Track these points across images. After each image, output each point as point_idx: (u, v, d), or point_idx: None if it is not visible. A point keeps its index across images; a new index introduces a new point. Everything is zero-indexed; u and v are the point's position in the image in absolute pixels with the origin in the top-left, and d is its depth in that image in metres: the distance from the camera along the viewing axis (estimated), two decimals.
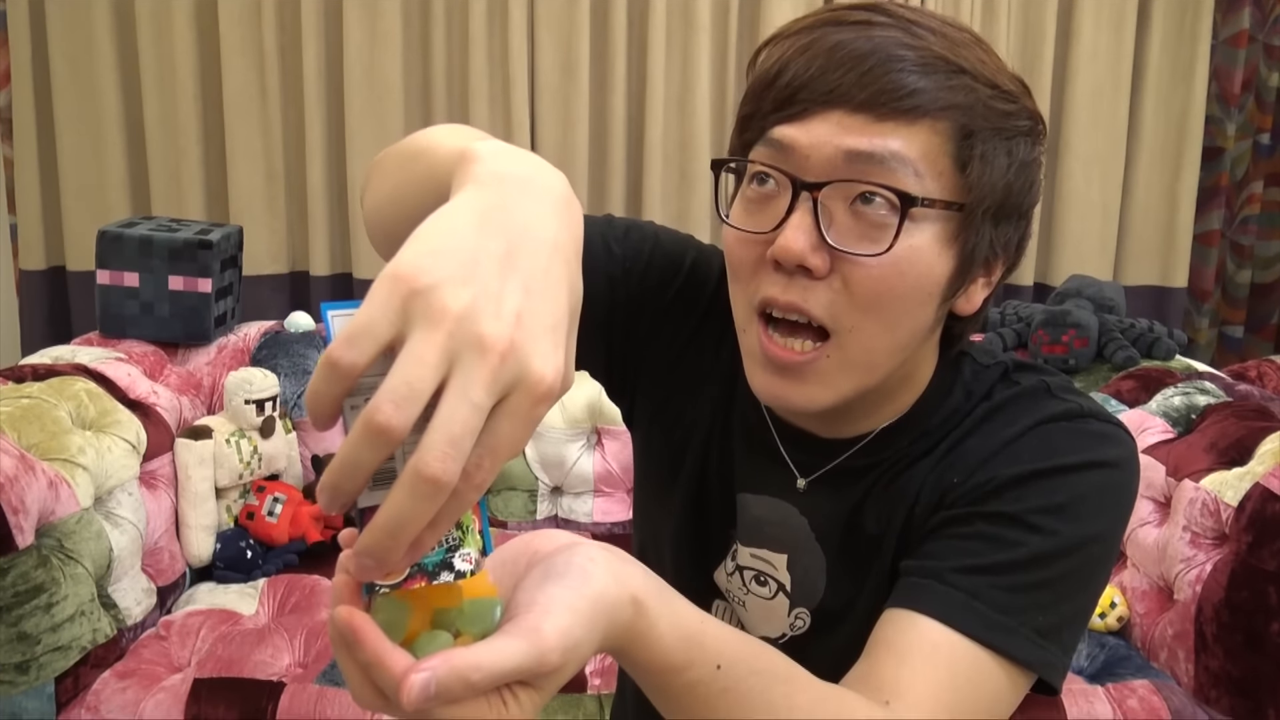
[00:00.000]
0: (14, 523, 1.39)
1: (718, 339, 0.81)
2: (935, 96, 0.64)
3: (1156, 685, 1.55)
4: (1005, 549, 0.66)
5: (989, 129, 0.66)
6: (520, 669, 0.45)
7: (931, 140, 0.64)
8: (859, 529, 0.75)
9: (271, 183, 2.54)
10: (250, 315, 2.32)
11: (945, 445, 0.73)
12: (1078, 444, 0.69)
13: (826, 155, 0.65)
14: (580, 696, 1.54)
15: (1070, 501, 0.66)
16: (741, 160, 0.70)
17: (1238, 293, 2.87)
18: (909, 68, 0.64)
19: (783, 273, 0.66)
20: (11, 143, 2.53)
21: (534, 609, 0.47)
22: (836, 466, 0.75)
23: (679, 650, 0.53)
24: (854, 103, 0.64)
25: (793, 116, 0.66)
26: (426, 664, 0.43)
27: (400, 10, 2.46)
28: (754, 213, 0.69)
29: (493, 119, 2.50)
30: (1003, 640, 0.64)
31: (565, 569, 0.50)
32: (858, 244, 0.65)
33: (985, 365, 0.76)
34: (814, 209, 0.65)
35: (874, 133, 0.64)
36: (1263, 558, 1.48)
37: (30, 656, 1.43)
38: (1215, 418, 1.75)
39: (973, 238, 0.67)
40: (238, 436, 1.93)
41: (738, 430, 0.80)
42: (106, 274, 1.99)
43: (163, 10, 2.45)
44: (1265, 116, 2.79)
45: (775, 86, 0.67)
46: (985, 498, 0.68)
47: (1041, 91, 2.59)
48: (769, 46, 0.70)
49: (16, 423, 1.52)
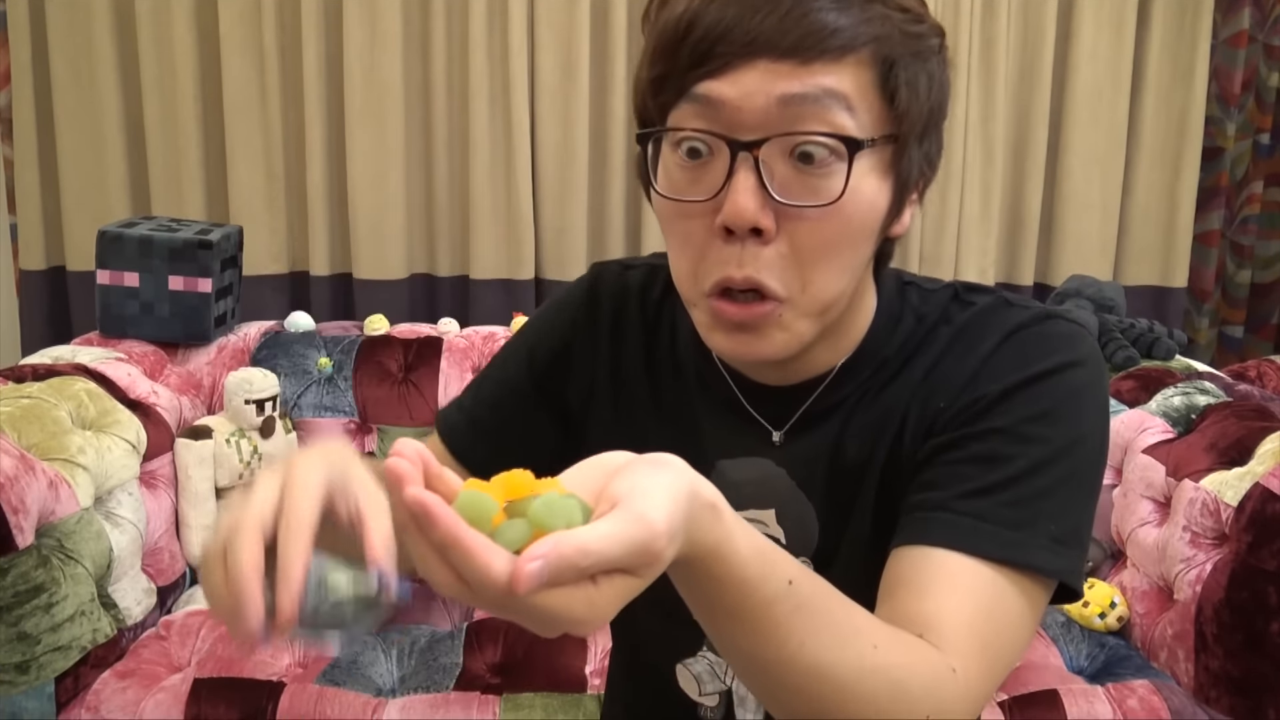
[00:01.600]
0: (14, 523, 1.39)
1: (642, 342, 0.83)
2: (857, 31, 0.63)
3: (1156, 685, 1.55)
4: (1002, 465, 0.66)
5: (908, 54, 0.65)
6: (629, 554, 0.44)
7: (859, 74, 0.64)
8: (840, 465, 0.75)
9: (271, 183, 2.54)
10: (250, 315, 2.32)
11: (918, 371, 0.73)
12: (1050, 347, 0.70)
13: (759, 105, 0.63)
14: (580, 696, 1.54)
15: (1054, 406, 0.68)
16: (675, 130, 0.66)
17: (1238, 293, 2.87)
18: (825, 5, 0.62)
19: (733, 241, 0.65)
20: (11, 143, 2.52)
21: (636, 495, 0.46)
22: (806, 411, 0.76)
23: (754, 563, 0.53)
24: (779, 49, 0.62)
25: (715, 71, 0.63)
26: (537, 551, 0.42)
27: (400, 10, 2.46)
28: (690, 181, 0.67)
29: (492, 119, 2.50)
30: (1021, 555, 0.64)
31: (658, 462, 0.50)
32: (806, 196, 0.64)
33: (932, 290, 0.78)
34: (756, 167, 0.64)
35: (804, 74, 0.62)
36: (1263, 558, 1.48)
37: (30, 656, 1.43)
38: (1215, 418, 1.75)
39: (906, 164, 0.68)
40: (238, 436, 1.93)
41: (700, 404, 0.80)
42: (106, 274, 1.99)
43: (163, 10, 2.45)
44: (1265, 116, 2.78)
45: (689, 41, 0.64)
46: (974, 418, 0.69)
47: (1041, 91, 2.59)
48: (662, 1, 0.67)
49: (16, 423, 1.52)
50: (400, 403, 2.12)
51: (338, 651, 1.59)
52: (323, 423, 2.10)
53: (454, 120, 2.54)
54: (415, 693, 1.53)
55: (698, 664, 0.83)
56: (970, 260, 2.64)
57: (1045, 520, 0.65)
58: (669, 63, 0.65)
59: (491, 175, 2.52)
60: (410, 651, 1.63)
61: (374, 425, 2.13)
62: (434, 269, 2.64)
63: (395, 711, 1.48)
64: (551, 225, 2.56)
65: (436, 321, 2.29)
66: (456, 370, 2.14)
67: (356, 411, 2.12)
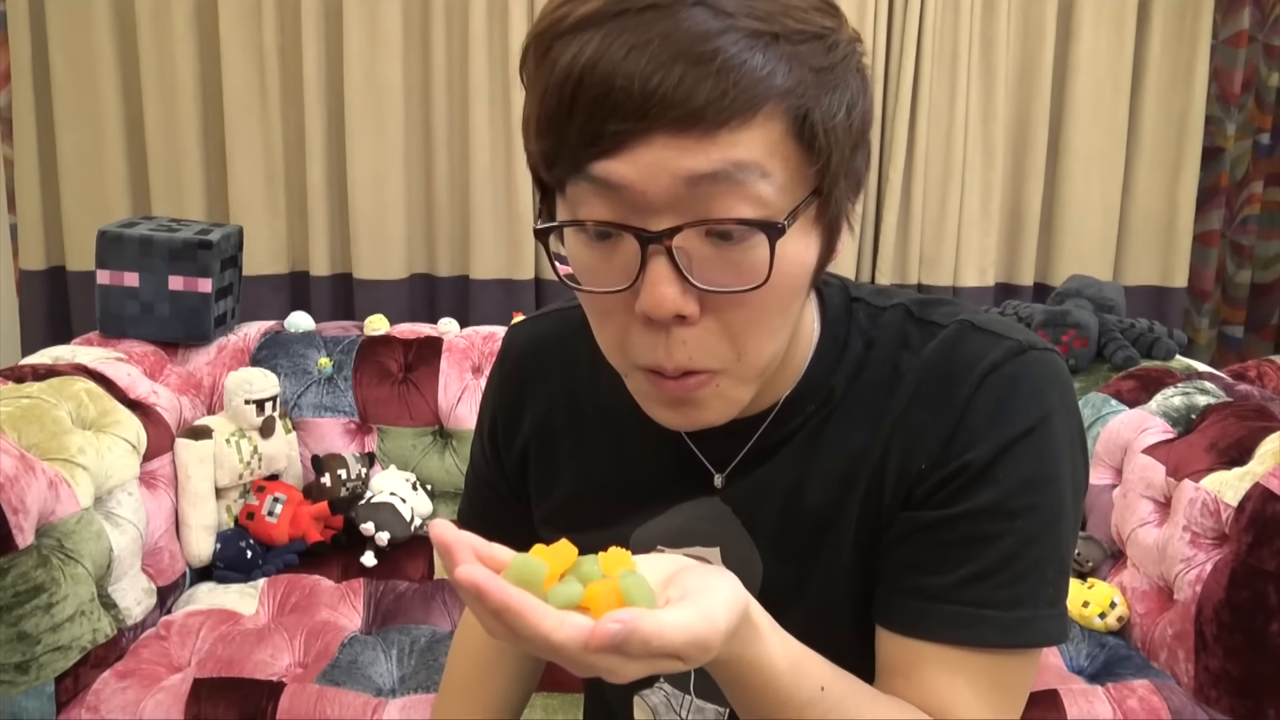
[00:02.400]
0: (14, 523, 1.39)
1: (564, 390, 0.81)
2: (765, 87, 0.55)
3: (1156, 685, 1.55)
4: (995, 544, 0.65)
5: (822, 93, 0.58)
6: (689, 645, 0.48)
7: (771, 132, 0.56)
8: (797, 510, 0.72)
9: (271, 183, 2.54)
10: (250, 315, 2.32)
11: (883, 412, 0.69)
12: (1026, 395, 0.66)
13: (664, 185, 0.56)
14: (580, 697, 1.53)
15: (1038, 470, 0.66)
16: (572, 223, 0.60)
17: (1238, 293, 2.87)
18: (725, 59, 0.54)
19: (656, 329, 0.60)
20: (11, 143, 2.53)
21: (706, 594, 0.51)
22: (750, 450, 0.73)
23: (788, 675, 0.57)
24: (678, 121, 0.54)
25: (609, 150, 0.56)
26: (619, 616, 0.46)
27: (400, 10, 2.46)
28: (601, 261, 0.60)
29: (492, 119, 2.50)
30: (1023, 636, 0.66)
31: (722, 571, 0.54)
32: (728, 278, 0.58)
33: (882, 308, 0.72)
34: (669, 256, 0.57)
35: (710, 148, 0.55)
36: (1263, 558, 1.48)
37: (30, 656, 1.43)
38: (1215, 418, 1.75)
39: (833, 209, 0.62)
40: (238, 436, 1.93)
41: (638, 448, 0.76)
42: (106, 274, 1.99)
43: (163, 10, 2.45)
44: (1265, 116, 2.79)
45: (577, 113, 0.56)
46: (958, 494, 0.66)
47: (1041, 91, 2.59)
48: (546, 50, 0.58)
49: (16, 423, 1.52)
50: (400, 403, 2.12)
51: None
52: (323, 423, 2.10)
53: (454, 120, 2.54)
54: (415, 693, 1.53)
55: (654, 695, 0.82)
56: (970, 260, 2.64)
57: (1042, 586, 0.66)
58: (557, 137, 0.57)
59: (491, 175, 2.52)
60: (410, 651, 1.63)
61: (374, 425, 2.13)
62: (434, 269, 2.64)
63: (395, 711, 1.48)
64: None
65: (436, 321, 2.30)
66: (456, 370, 2.14)
67: (356, 411, 2.12)
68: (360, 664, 1.58)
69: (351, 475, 2.02)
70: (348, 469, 2.02)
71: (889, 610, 0.68)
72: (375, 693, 1.53)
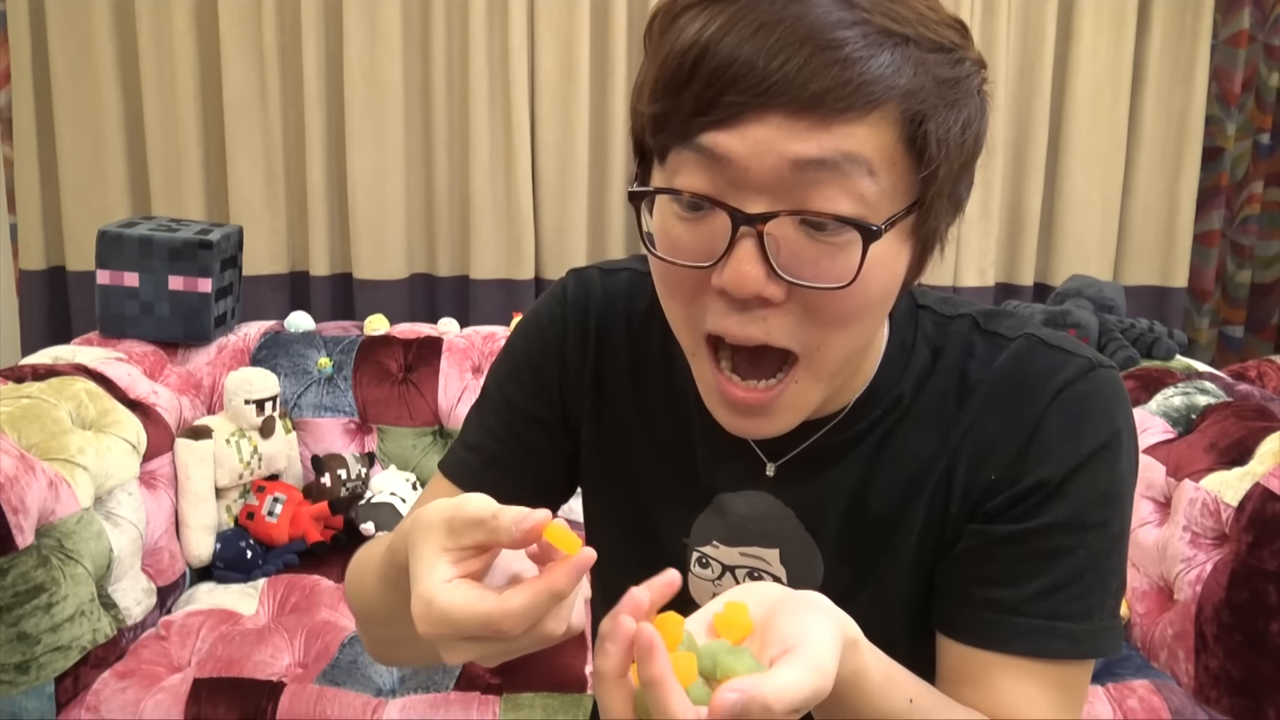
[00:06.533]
0: (14, 523, 1.39)
1: (628, 355, 0.79)
2: (887, 85, 0.55)
3: (1156, 685, 1.55)
4: (1066, 558, 0.67)
5: (942, 105, 0.58)
6: (809, 701, 0.48)
7: (885, 132, 0.57)
8: (861, 514, 0.72)
9: (271, 183, 2.54)
10: (250, 315, 2.32)
11: (953, 422, 0.70)
12: (1099, 413, 0.68)
13: (769, 165, 0.56)
14: (580, 696, 1.54)
15: (1109, 488, 0.68)
16: (668, 190, 0.60)
17: (1238, 293, 2.87)
18: (853, 50, 0.54)
19: (733, 303, 0.60)
20: (11, 143, 2.52)
21: (809, 643, 0.50)
22: (809, 448, 0.72)
23: (882, 688, 0.57)
24: (797, 101, 0.54)
25: (723, 121, 0.56)
26: (738, 685, 0.46)
27: (400, 10, 2.46)
28: (689, 232, 0.60)
29: (492, 119, 2.50)
30: (1092, 648, 0.68)
31: (813, 605, 0.53)
32: (816, 274, 0.58)
33: (949, 316, 0.73)
34: (758, 240, 0.57)
35: (822, 134, 0.55)
36: (1263, 558, 1.48)
37: (30, 656, 1.43)
38: (1215, 418, 1.75)
39: (931, 223, 0.62)
40: (238, 436, 1.93)
41: (696, 428, 0.75)
42: (106, 274, 1.99)
43: (163, 10, 2.45)
44: (1265, 116, 2.78)
45: (696, 80, 0.56)
46: (1033, 510, 0.67)
47: (1041, 91, 2.59)
48: (674, 18, 0.59)
49: (16, 423, 1.52)
50: (400, 403, 2.12)
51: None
52: (323, 423, 2.10)
53: (454, 120, 2.54)
54: (415, 693, 1.53)
55: None
56: (970, 260, 2.64)
57: (1107, 598, 0.68)
58: (671, 101, 0.58)
59: (491, 175, 2.52)
60: None
61: (374, 425, 2.13)
62: (434, 269, 2.64)
63: (395, 711, 1.48)
64: (551, 225, 2.56)
65: (436, 321, 2.30)
66: (456, 370, 2.14)
67: (356, 411, 2.12)
68: (360, 664, 1.58)
69: (351, 475, 2.02)
70: (348, 469, 2.02)
71: (958, 621, 0.69)
72: (375, 693, 1.53)
